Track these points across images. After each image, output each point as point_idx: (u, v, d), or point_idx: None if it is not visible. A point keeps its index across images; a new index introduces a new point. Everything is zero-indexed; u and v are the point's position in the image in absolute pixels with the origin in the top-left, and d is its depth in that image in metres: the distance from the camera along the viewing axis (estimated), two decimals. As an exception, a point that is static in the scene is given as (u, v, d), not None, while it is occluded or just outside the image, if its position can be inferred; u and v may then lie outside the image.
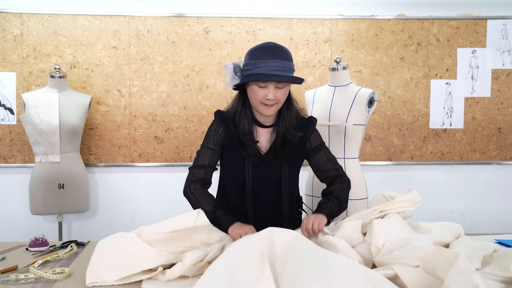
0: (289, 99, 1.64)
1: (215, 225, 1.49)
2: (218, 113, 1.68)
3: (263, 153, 1.64)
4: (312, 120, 1.72)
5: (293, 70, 1.57)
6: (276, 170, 1.65)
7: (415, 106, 3.23)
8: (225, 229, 1.48)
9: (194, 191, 1.62)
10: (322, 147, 1.72)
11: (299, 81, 1.55)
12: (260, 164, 1.63)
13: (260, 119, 1.65)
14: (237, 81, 1.58)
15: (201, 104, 3.12)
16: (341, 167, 1.74)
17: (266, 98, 1.53)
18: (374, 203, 1.56)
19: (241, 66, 1.59)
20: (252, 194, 1.65)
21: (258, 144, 1.64)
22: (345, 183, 1.69)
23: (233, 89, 1.64)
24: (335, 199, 1.61)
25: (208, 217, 1.50)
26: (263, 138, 1.65)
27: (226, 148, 1.66)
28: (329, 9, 3.20)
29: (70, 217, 3.13)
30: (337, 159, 2.01)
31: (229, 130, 1.64)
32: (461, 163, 3.28)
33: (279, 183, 1.66)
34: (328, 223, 1.53)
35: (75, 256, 1.55)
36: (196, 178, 1.64)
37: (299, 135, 1.64)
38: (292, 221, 1.69)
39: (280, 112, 1.64)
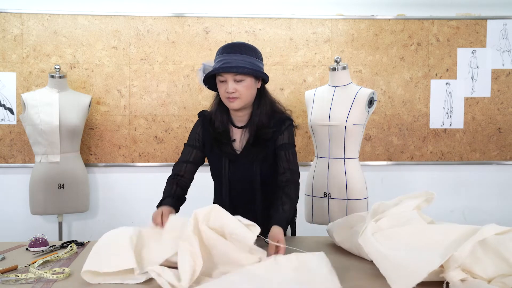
0: (261, 97, 1.68)
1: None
2: (200, 113, 1.79)
3: (238, 152, 1.70)
4: (287, 119, 1.72)
5: (259, 66, 1.62)
6: (250, 168, 1.70)
7: (415, 106, 3.23)
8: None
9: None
10: (286, 147, 1.70)
11: (255, 72, 1.59)
12: (235, 162, 1.70)
13: (234, 118, 1.72)
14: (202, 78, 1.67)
15: (201, 104, 3.12)
16: (296, 171, 1.70)
17: (227, 91, 1.59)
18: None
19: (211, 66, 1.67)
20: (229, 191, 1.73)
21: (234, 144, 1.71)
22: (294, 190, 1.67)
23: (208, 88, 1.71)
24: (287, 200, 1.63)
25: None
26: (238, 137, 1.72)
27: (207, 147, 1.75)
28: (329, 9, 3.20)
29: (70, 217, 3.13)
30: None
31: (207, 129, 1.72)
32: (461, 163, 3.28)
33: (254, 180, 1.72)
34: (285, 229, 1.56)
35: (75, 256, 1.55)
36: (171, 174, 1.75)
37: (270, 131, 1.67)
38: (265, 217, 1.67)
39: (252, 112, 1.69)
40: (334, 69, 2.36)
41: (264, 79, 1.67)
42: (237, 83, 1.59)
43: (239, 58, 1.59)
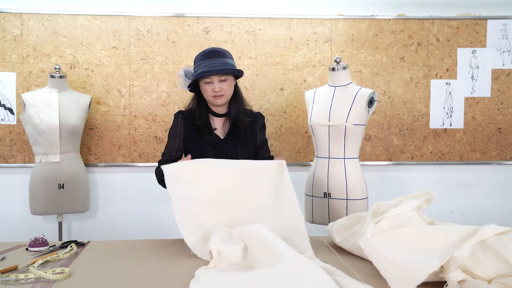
0: (236, 93, 1.97)
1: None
2: (177, 113, 2.02)
3: (221, 138, 1.94)
4: (261, 115, 2.06)
5: (233, 65, 1.90)
6: (234, 152, 1.91)
7: (415, 106, 3.23)
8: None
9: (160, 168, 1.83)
10: (264, 144, 2.06)
11: (238, 72, 1.90)
12: (219, 147, 1.92)
13: (215, 109, 1.97)
14: (189, 82, 1.92)
15: (201, 104, 3.11)
16: (272, 157, 2.08)
17: (214, 90, 1.86)
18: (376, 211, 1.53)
19: (192, 71, 1.93)
20: None
21: (216, 132, 1.95)
22: None
23: (189, 90, 1.98)
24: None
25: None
26: (219, 125, 1.97)
27: (187, 141, 1.96)
28: (329, 9, 3.20)
29: (70, 217, 3.13)
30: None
31: (188, 124, 1.96)
32: (461, 163, 3.28)
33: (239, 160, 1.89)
34: None
35: (75, 256, 1.55)
36: (163, 160, 1.98)
37: (247, 119, 1.97)
38: None
39: (230, 104, 1.97)
40: (334, 69, 2.36)
41: (238, 76, 1.96)
42: (222, 83, 1.87)
43: (222, 61, 1.86)
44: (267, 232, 1.38)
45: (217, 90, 1.86)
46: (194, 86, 1.96)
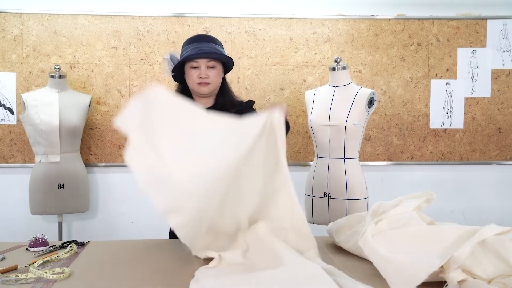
0: (224, 85, 1.84)
1: None
2: None
3: None
4: (250, 103, 1.86)
5: (223, 53, 1.76)
6: None
7: (415, 106, 3.23)
8: None
9: None
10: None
11: (227, 59, 1.76)
12: None
13: (199, 101, 1.82)
14: (173, 66, 1.77)
15: (201, 104, 3.11)
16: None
17: (199, 76, 1.73)
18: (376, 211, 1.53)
19: (178, 57, 1.78)
20: None
21: None
22: None
23: (173, 78, 1.83)
24: None
25: None
26: None
27: None
28: (329, 9, 3.20)
29: (70, 217, 3.13)
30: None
31: None
32: (461, 163, 3.28)
33: None
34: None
35: (75, 256, 1.55)
36: None
37: (234, 110, 1.77)
38: None
39: (217, 97, 1.84)
40: (334, 69, 2.36)
41: (226, 69, 1.83)
42: (209, 70, 1.74)
43: (212, 46, 1.74)
44: (267, 233, 1.37)
45: (203, 76, 1.73)
46: (179, 75, 1.82)
